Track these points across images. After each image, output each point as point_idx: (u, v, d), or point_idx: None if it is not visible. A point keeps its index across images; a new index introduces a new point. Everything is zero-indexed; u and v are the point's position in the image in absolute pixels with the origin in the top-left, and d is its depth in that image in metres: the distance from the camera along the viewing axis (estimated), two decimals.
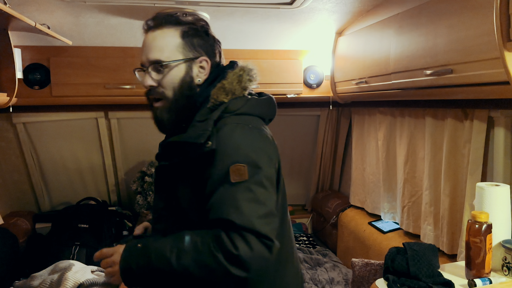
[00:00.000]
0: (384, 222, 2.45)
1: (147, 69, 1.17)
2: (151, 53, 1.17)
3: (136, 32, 2.27)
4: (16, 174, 2.78)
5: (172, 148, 1.15)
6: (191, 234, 1.06)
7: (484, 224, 1.19)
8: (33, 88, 2.36)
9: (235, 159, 1.06)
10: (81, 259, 2.38)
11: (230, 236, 1.00)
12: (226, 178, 1.05)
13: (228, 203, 1.03)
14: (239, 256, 0.98)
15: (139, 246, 1.08)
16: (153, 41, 1.18)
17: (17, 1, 1.76)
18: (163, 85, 1.17)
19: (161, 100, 1.18)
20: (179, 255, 1.03)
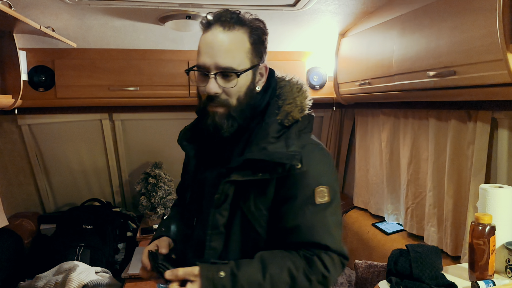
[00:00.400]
0: (387, 224, 2.45)
1: (214, 75, 1.07)
2: (221, 58, 1.07)
3: (139, 34, 2.29)
4: (21, 176, 2.80)
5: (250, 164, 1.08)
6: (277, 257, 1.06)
7: (488, 226, 1.19)
8: (38, 90, 2.38)
9: (319, 181, 1.09)
10: (85, 260, 2.39)
11: (321, 259, 1.06)
12: (311, 199, 1.08)
13: (320, 227, 1.08)
14: (328, 278, 1.06)
15: (222, 275, 1.01)
16: (223, 45, 1.07)
17: (23, 4, 1.77)
18: (229, 93, 1.10)
19: (220, 107, 1.10)
20: (273, 281, 1.02)
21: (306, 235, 1.07)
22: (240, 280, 1.00)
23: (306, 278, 1.04)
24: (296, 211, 1.08)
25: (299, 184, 1.08)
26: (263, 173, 1.07)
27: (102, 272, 2.26)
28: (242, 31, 1.09)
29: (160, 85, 2.50)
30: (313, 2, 1.88)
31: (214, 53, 1.06)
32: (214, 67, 1.07)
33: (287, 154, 1.07)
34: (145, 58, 2.50)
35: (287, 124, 1.12)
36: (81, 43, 2.32)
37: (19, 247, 2.45)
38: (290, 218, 1.08)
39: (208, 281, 0.99)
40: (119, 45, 2.44)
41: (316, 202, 1.08)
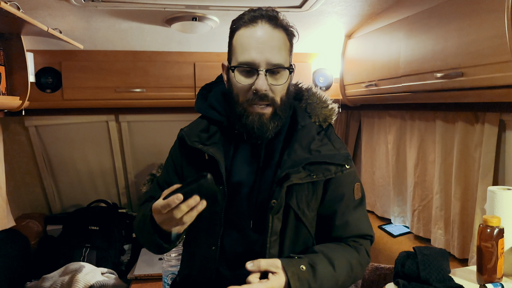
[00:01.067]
0: (394, 226, 2.43)
1: (263, 71, 1.06)
2: (272, 54, 1.07)
3: (146, 36, 2.29)
4: (28, 177, 2.82)
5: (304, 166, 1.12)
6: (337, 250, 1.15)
7: (496, 228, 1.18)
8: (45, 92, 2.39)
9: (356, 179, 1.23)
10: (91, 260, 2.40)
11: (365, 247, 1.21)
12: (353, 196, 1.20)
13: (363, 220, 1.22)
14: (369, 261, 1.23)
15: (304, 268, 1.05)
16: (274, 41, 1.08)
17: (30, 6, 1.78)
18: (275, 91, 1.09)
19: (267, 107, 1.10)
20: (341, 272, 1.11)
21: (354, 228, 1.19)
22: (319, 273, 1.06)
23: (360, 265, 1.17)
24: (344, 209, 1.18)
25: (345, 182, 1.18)
26: (317, 175, 1.12)
27: (108, 273, 2.27)
28: (283, 30, 1.12)
29: (166, 86, 2.50)
30: (319, 4, 1.87)
31: (265, 49, 1.06)
32: (264, 64, 1.06)
33: (342, 155, 1.16)
34: (151, 60, 2.50)
35: (325, 126, 1.21)
36: (88, 45, 2.33)
37: (25, 248, 2.46)
38: (340, 215, 1.18)
39: (294, 275, 1.02)
40: (126, 47, 2.45)
41: (355, 198, 1.20)
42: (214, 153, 1.16)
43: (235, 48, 1.12)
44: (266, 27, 1.08)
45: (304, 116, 1.20)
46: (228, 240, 1.17)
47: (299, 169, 1.11)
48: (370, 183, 2.71)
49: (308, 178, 1.11)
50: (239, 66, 1.09)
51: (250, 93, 1.09)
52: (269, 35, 1.08)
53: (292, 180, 1.09)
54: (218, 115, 1.24)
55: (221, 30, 2.17)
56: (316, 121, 1.21)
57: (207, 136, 1.21)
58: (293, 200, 1.12)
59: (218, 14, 2.00)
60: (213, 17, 2.04)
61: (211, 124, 1.24)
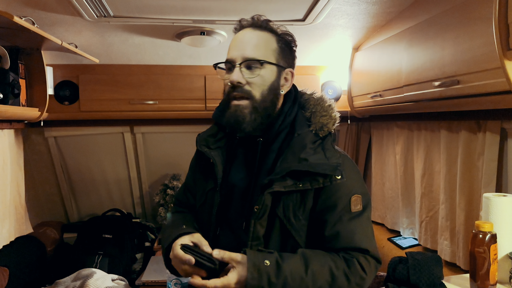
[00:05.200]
0: (403, 238, 2.41)
1: (239, 65, 1.14)
2: (247, 50, 1.15)
3: (158, 50, 2.39)
4: (47, 186, 2.94)
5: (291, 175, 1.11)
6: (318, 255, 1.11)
7: (488, 234, 1.18)
8: (63, 104, 2.51)
9: (354, 191, 1.17)
10: (103, 267, 2.47)
11: (360, 262, 1.12)
12: (348, 208, 1.15)
13: (359, 232, 1.15)
14: (365, 279, 1.12)
15: (268, 263, 1.05)
16: (251, 39, 1.17)
17: (49, 22, 1.90)
18: (253, 83, 1.15)
19: (245, 99, 1.15)
20: (315, 277, 1.07)
21: (346, 241, 1.13)
22: (284, 270, 1.04)
23: (346, 278, 1.09)
24: (336, 220, 1.14)
25: (338, 193, 1.14)
26: (303, 184, 1.11)
27: (119, 280, 2.32)
28: (271, 34, 1.19)
29: (178, 98, 2.59)
30: (322, 17, 1.92)
31: (243, 47, 1.16)
32: (240, 58, 1.14)
33: (331, 165, 1.12)
34: (164, 73, 2.60)
35: (322, 135, 1.18)
36: (104, 59, 2.44)
37: (42, 254, 2.55)
38: (330, 226, 1.14)
39: (255, 267, 1.03)
40: (140, 61, 2.55)
41: (352, 210, 1.15)
42: (214, 156, 1.22)
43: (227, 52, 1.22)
44: (248, 30, 1.18)
45: (303, 124, 1.21)
46: (224, 239, 1.21)
47: (285, 177, 1.11)
48: (380, 195, 2.70)
49: (293, 186, 1.11)
50: (220, 63, 1.20)
51: (228, 87, 1.16)
52: (248, 35, 1.17)
53: (274, 187, 1.10)
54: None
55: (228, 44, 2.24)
56: (313, 130, 1.20)
57: (214, 140, 1.28)
58: (280, 208, 1.13)
59: (225, 28, 2.08)
60: (221, 31, 2.11)
61: (220, 130, 1.30)
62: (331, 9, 1.83)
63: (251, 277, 1.02)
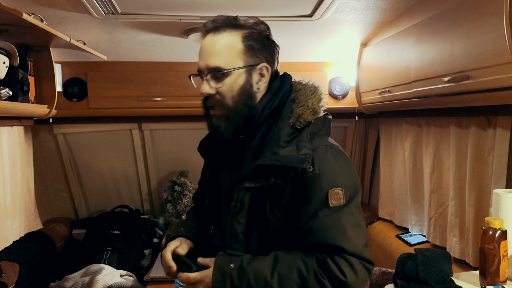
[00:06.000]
0: (412, 235, 2.39)
1: (205, 76, 1.11)
2: (210, 59, 1.11)
3: (166, 47, 2.39)
4: (56, 183, 2.96)
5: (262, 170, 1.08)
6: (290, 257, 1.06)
7: (498, 230, 1.17)
8: (71, 101, 2.53)
9: (333, 184, 1.08)
10: (112, 263, 2.49)
11: (336, 262, 1.03)
12: (325, 202, 1.06)
13: (334, 228, 1.05)
14: (345, 283, 1.02)
15: (232, 266, 1.05)
16: (213, 46, 1.11)
17: (57, 20, 1.91)
18: (222, 93, 1.11)
19: (219, 108, 1.13)
20: (281, 279, 1.03)
21: (319, 237, 1.05)
22: (248, 274, 1.03)
23: (316, 280, 1.02)
24: (310, 214, 1.07)
25: (313, 187, 1.07)
26: (275, 179, 1.07)
27: (127, 276, 2.34)
28: (234, 33, 1.12)
29: (185, 95, 2.59)
30: (330, 12, 1.91)
31: (204, 56, 1.12)
32: (205, 68, 1.12)
33: (298, 157, 1.06)
34: (172, 70, 2.60)
35: (299, 127, 1.11)
36: (112, 56, 2.45)
37: (51, 250, 2.57)
38: (304, 221, 1.08)
39: (219, 270, 1.04)
40: (147, 58, 2.56)
41: (330, 205, 1.06)
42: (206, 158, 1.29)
43: None
44: (208, 36, 1.14)
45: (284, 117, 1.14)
46: (216, 238, 1.25)
47: (256, 172, 1.08)
48: (389, 192, 2.68)
49: (263, 182, 1.08)
50: (191, 75, 1.20)
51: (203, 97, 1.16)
52: (209, 43, 1.12)
53: (244, 184, 1.09)
54: None
55: None
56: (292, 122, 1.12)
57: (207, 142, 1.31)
58: (257, 205, 1.11)
59: None
60: None
61: None
62: (339, 4, 1.82)
63: (215, 280, 1.05)
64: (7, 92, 1.85)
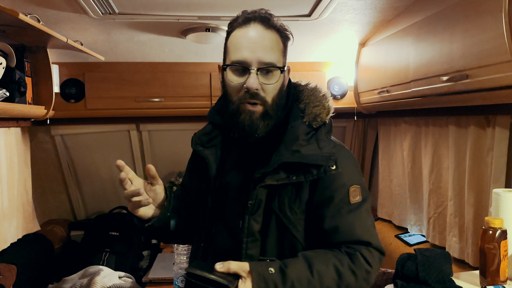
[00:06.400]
0: (411, 235, 2.39)
1: (254, 70, 1.08)
2: (264, 53, 1.09)
3: (164, 47, 2.38)
4: (54, 184, 2.95)
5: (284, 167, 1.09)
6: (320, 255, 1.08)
7: (498, 230, 1.17)
8: (69, 102, 2.51)
9: (352, 181, 1.12)
10: (110, 265, 2.47)
11: (363, 255, 1.08)
12: (346, 199, 1.11)
13: (359, 224, 1.10)
14: (371, 272, 1.09)
15: (272, 271, 1.01)
16: (266, 41, 1.10)
17: (54, 20, 1.90)
18: (267, 90, 1.11)
19: (259, 105, 1.11)
20: (321, 277, 1.03)
21: (346, 234, 1.09)
22: (290, 276, 1.01)
23: (352, 273, 1.06)
24: (334, 213, 1.10)
25: (334, 185, 1.10)
26: (297, 176, 1.08)
27: (126, 277, 2.32)
28: (276, 30, 1.13)
29: (183, 96, 2.58)
30: (328, 12, 1.90)
31: (257, 48, 1.08)
32: (256, 63, 1.08)
33: (323, 156, 1.09)
34: (169, 70, 2.59)
35: (315, 126, 1.14)
36: (109, 57, 2.44)
37: (50, 252, 2.56)
38: (328, 219, 1.10)
39: (259, 276, 0.99)
40: (145, 59, 2.55)
41: (351, 202, 1.11)
42: (207, 155, 1.20)
43: (228, 48, 1.15)
44: (258, 27, 1.10)
45: (296, 116, 1.18)
46: (220, 237, 1.20)
47: (278, 170, 1.09)
48: (388, 192, 2.68)
49: (286, 179, 1.09)
50: (231, 65, 1.11)
51: (242, 92, 1.10)
52: (261, 35, 1.10)
53: (266, 181, 1.08)
54: (220, 119, 1.26)
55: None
56: (306, 121, 1.16)
57: (208, 139, 1.25)
58: (275, 202, 1.11)
59: None
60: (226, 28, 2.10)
61: (215, 128, 1.27)
62: (337, 4, 1.82)
63: (258, 286, 0.98)
64: (4, 93, 1.84)
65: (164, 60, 2.58)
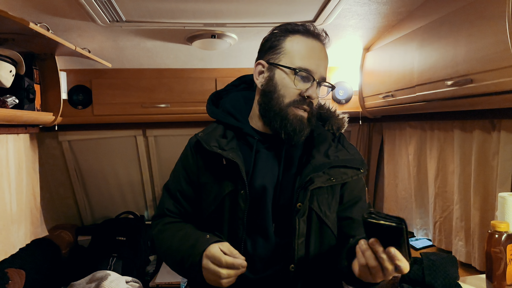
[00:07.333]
0: (417, 239, 2.39)
1: (318, 83, 1.22)
2: (325, 70, 1.25)
3: (170, 54, 2.41)
4: (61, 189, 2.97)
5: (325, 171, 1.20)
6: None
7: (504, 233, 1.17)
8: (76, 108, 2.54)
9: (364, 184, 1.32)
10: (117, 270, 2.49)
11: None
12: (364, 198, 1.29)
13: None
14: None
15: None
16: (326, 59, 1.27)
17: (62, 28, 1.93)
18: (315, 101, 1.23)
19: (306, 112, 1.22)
20: None
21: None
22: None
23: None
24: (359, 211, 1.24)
25: (359, 186, 1.28)
26: (336, 179, 1.19)
27: (133, 282, 2.34)
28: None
29: (189, 101, 2.60)
30: (332, 17, 1.92)
31: (321, 64, 1.22)
32: (318, 76, 1.20)
33: (357, 160, 1.24)
34: (175, 76, 2.62)
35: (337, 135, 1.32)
36: (116, 63, 2.47)
37: (57, 257, 2.58)
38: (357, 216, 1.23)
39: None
40: (151, 65, 2.58)
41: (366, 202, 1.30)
42: (235, 158, 1.18)
43: (290, 51, 1.20)
44: (321, 46, 1.24)
45: (318, 125, 1.31)
46: (251, 243, 1.19)
47: (321, 173, 1.18)
48: (393, 196, 2.68)
49: (328, 181, 1.18)
50: (301, 70, 1.18)
51: (298, 97, 1.19)
52: (324, 53, 1.25)
53: (316, 183, 1.16)
54: (236, 121, 1.29)
55: (240, 47, 2.25)
56: (330, 130, 1.31)
57: (226, 141, 1.24)
58: (315, 203, 1.18)
59: (235, 31, 2.09)
60: (232, 34, 2.12)
61: (227, 130, 1.28)
62: (342, 10, 1.83)
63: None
64: (14, 100, 1.86)
65: (170, 66, 2.61)
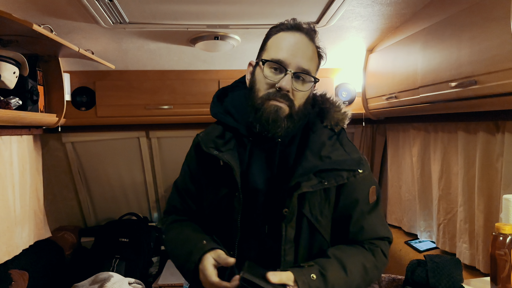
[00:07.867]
0: (421, 242, 2.38)
1: (290, 72, 1.12)
2: (304, 59, 1.13)
3: (173, 56, 2.41)
4: (65, 191, 2.98)
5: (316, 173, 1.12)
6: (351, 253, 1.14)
7: (509, 236, 1.16)
8: (80, 110, 2.55)
9: (371, 183, 1.21)
10: (120, 271, 2.49)
11: (383, 250, 1.19)
12: (367, 200, 1.20)
13: (379, 223, 1.21)
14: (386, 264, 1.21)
15: (314, 277, 1.04)
16: (307, 49, 1.15)
17: (66, 30, 1.94)
18: (296, 95, 1.14)
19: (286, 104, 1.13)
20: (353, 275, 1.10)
21: (370, 233, 1.18)
22: (330, 280, 1.05)
23: (375, 267, 1.15)
24: (359, 214, 1.18)
25: (359, 187, 1.18)
26: (329, 181, 1.12)
27: (136, 283, 2.34)
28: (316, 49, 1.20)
29: (192, 103, 2.61)
30: (336, 19, 1.92)
31: (298, 54, 1.13)
32: (294, 67, 1.12)
33: (353, 160, 1.15)
34: (178, 78, 2.62)
35: (337, 131, 1.21)
36: (120, 65, 2.47)
37: (60, 258, 2.59)
38: (354, 221, 1.18)
39: (305, 285, 1.01)
40: (155, 67, 2.58)
41: (370, 202, 1.19)
42: (229, 160, 1.16)
43: (269, 46, 1.18)
44: (303, 37, 1.16)
45: (315, 121, 1.22)
46: (245, 245, 1.17)
47: (310, 176, 1.10)
48: (397, 198, 2.67)
49: (319, 185, 1.10)
50: (270, 61, 1.14)
51: (272, 89, 1.13)
52: (305, 44, 1.15)
53: (302, 188, 1.09)
54: (234, 121, 1.24)
55: (243, 48, 2.25)
56: (328, 125, 1.20)
57: (223, 142, 1.22)
58: (306, 208, 1.12)
59: (238, 32, 2.09)
60: (235, 36, 2.12)
61: (226, 130, 1.24)
62: (345, 11, 1.83)
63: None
64: (17, 101, 1.87)
65: (173, 68, 2.61)
